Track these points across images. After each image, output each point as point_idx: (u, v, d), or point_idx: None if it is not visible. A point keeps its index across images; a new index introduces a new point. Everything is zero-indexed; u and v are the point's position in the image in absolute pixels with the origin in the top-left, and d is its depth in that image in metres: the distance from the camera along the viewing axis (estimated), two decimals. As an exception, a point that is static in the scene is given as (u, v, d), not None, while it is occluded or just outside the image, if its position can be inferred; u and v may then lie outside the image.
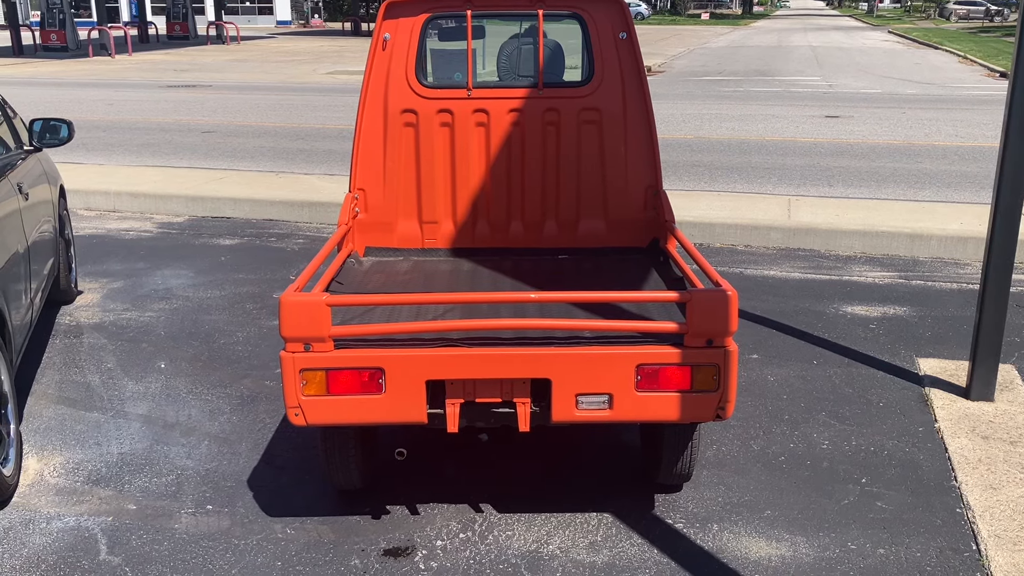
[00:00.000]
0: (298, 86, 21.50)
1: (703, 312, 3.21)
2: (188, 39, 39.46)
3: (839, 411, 4.69)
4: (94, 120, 14.98)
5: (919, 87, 21.62)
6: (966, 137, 13.47)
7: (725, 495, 3.91)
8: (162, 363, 5.34)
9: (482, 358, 3.25)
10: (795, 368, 5.23)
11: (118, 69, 26.14)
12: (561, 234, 4.62)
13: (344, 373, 3.25)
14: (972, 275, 6.99)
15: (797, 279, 6.98)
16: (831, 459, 4.21)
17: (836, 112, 16.27)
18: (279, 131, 14.15)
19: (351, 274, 4.23)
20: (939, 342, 5.65)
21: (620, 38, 4.43)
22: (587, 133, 4.51)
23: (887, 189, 9.75)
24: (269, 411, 4.71)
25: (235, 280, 6.89)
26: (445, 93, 4.47)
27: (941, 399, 4.78)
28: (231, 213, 8.97)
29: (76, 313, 6.17)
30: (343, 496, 3.90)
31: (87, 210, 9.15)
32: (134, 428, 4.54)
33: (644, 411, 3.30)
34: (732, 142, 12.94)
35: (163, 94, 19.52)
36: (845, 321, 6.03)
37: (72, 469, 4.15)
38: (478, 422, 3.41)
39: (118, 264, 7.31)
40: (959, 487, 3.94)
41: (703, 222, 8.04)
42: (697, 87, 21.09)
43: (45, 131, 5.83)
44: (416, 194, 4.56)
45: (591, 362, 3.25)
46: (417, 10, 4.41)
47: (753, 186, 9.91)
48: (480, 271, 4.33)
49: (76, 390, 4.98)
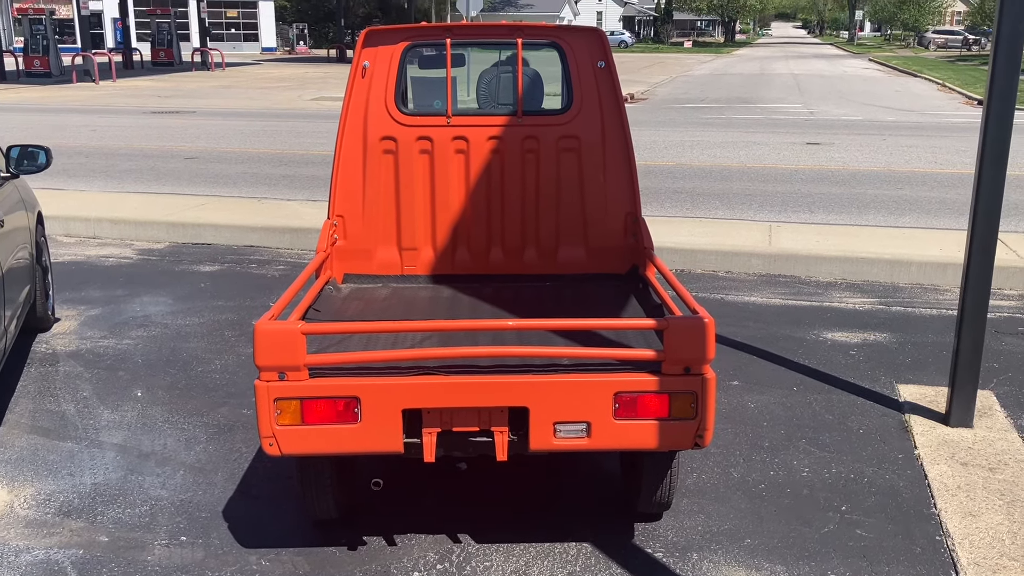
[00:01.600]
0: (282, 112, 21.53)
1: (680, 339, 3.21)
2: (173, 65, 39.50)
3: (819, 438, 4.69)
4: (76, 146, 14.93)
5: (899, 114, 21.86)
6: (945, 164, 13.60)
7: (705, 524, 3.88)
8: (139, 391, 5.28)
9: (459, 386, 3.23)
10: (775, 395, 5.23)
11: (102, 95, 26.11)
12: (541, 261, 4.61)
13: (319, 402, 3.22)
14: (951, 301, 7.03)
15: (778, 305, 7.00)
16: (811, 487, 4.20)
17: (817, 139, 16.42)
18: (263, 157, 14.14)
19: (329, 301, 4.21)
20: (919, 368, 5.67)
21: (598, 67, 4.46)
22: (566, 161, 4.52)
23: (868, 215, 9.82)
24: (246, 440, 4.66)
25: (214, 307, 6.84)
26: (425, 120, 4.47)
27: (921, 426, 4.79)
28: (212, 239, 8.93)
29: (52, 341, 6.10)
30: (320, 527, 3.84)
31: (67, 236, 9.09)
32: (108, 458, 4.48)
33: (622, 439, 3.28)
34: (714, 169, 13.02)
35: (147, 120, 19.50)
36: (825, 347, 6.04)
37: (43, 500, 4.08)
38: (455, 451, 3.38)
39: (96, 291, 7.26)
40: (938, 514, 3.93)
41: (684, 248, 8.06)
42: (679, 114, 21.25)
43: (23, 158, 5.79)
44: (396, 221, 4.55)
45: (569, 390, 3.24)
46: (397, 38, 4.42)
47: (734, 212, 9.96)
48: (460, 298, 4.32)
49: (50, 419, 4.91)
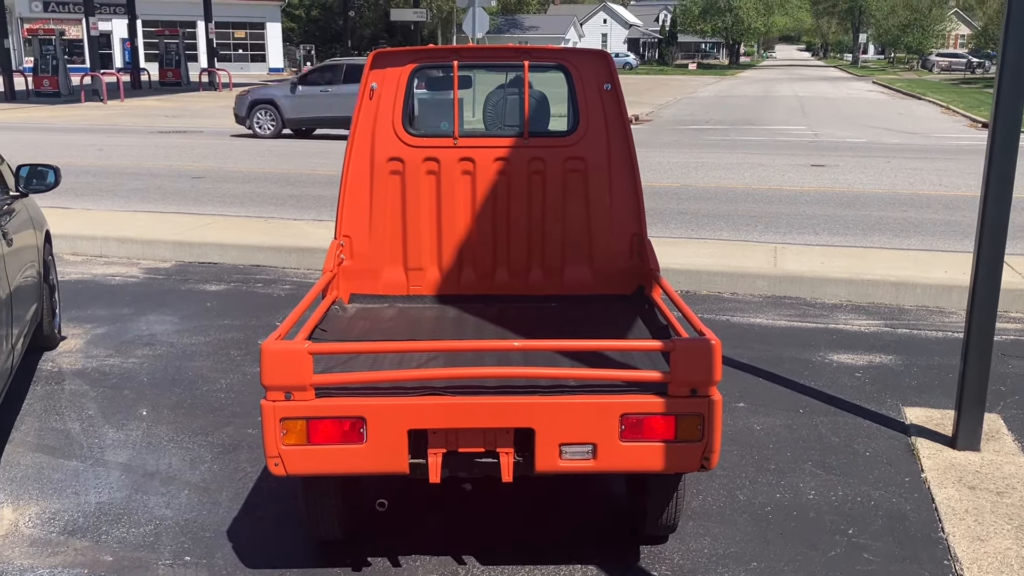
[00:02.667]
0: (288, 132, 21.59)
1: (687, 361, 3.20)
2: (181, 85, 39.78)
3: (825, 461, 4.67)
4: (84, 165, 15.01)
5: (903, 137, 21.91)
6: (950, 186, 13.61)
7: (711, 546, 3.87)
8: (144, 410, 5.28)
9: (465, 407, 3.23)
10: (781, 417, 5.22)
11: (110, 115, 26.28)
12: (546, 281, 4.62)
13: (325, 422, 3.22)
14: (957, 323, 7.02)
15: (783, 327, 6.99)
16: (817, 510, 4.18)
17: (822, 161, 16.45)
18: (269, 177, 14.20)
19: (335, 321, 4.21)
20: (925, 391, 5.65)
21: (605, 89, 4.48)
22: (572, 182, 4.54)
23: (873, 237, 9.82)
24: (251, 460, 4.65)
25: (220, 326, 6.86)
26: (432, 142, 4.50)
27: (927, 449, 4.77)
28: (218, 259, 8.95)
29: (59, 359, 6.11)
30: (324, 547, 3.83)
31: (73, 255, 9.12)
32: (113, 477, 4.48)
33: (628, 461, 3.27)
34: (719, 190, 13.04)
35: (154, 140, 19.61)
36: (831, 369, 6.02)
37: (48, 519, 4.08)
38: (460, 472, 3.38)
39: (103, 310, 7.28)
40: (946, 538, 3.91)
41: (690, 269, 8.07)
42: (684, 136, 21.32)
43: (32, 177, 5.82)
44: (402, 241, 4.57)
45: (575, 411, 3.23)
46: (404, 60, 4.46)
47: (739, 234, 9.97)
48: (465, 318, 4.32)
49: (55, 438, 4.91)
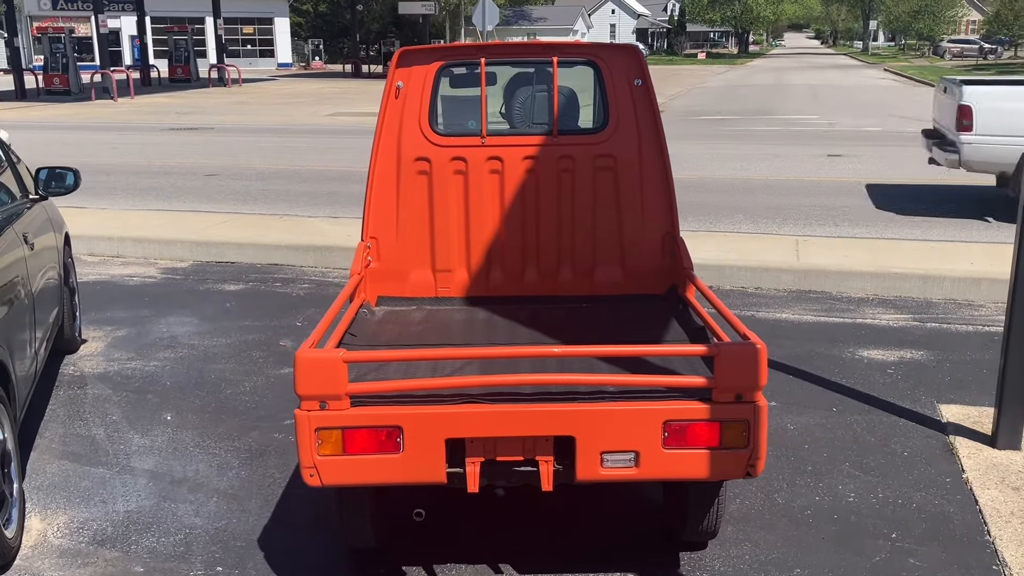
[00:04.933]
0: (300, 128, 21.56)
1: (732, 366, 3.12)
2: (190, 82, 39.73)
3: (863, 461, 4.58)
4: (97, 164, 14.96)
5: (920, 125, 21.62)
6: (970, 176, 13.42)
7: (752, 552, 3.78)
8: (168, 415, 5.22)
9: (504, 415, 3.15)
10: (815, 416, 5.12)
11: (121, 112, 26.27)
12: (577, 282, 4.53)
13: (361, 432, 3.15)
14: (987, 317, 6.91)
15: (811, 322, 6.89)
16: (858, 513, 4.09)
17: (838, 151, 16.29)
18: (282, 173, 14.14)
19: (363, 325, 4.14)
20: (959, 388, 5.55)
21: (636, 85, 4.39)
22: (602, 180, 4.45)
23: (894, 229, 9.70)
24: (279, 465, 4.59)
25: (241, 327, 6.80)
26: (459, 141, 4.41)
27: (967, 448, 4.67)
28: (235, 258, 8.89)
29: (80, 363, 6.06)
30: (357, 556, 3.77)
31: (90, 255, 9.08)
32: (140, 484, 4.42)
33: (672, 469, 3.19)
34: (735, 182, 12.92)
35: (166, 137, 19.57)
36: (862, 366, 5.92)
37: (77, 529, 4.02)
38: (499, 481, 3.30)
39: (122, 311, 7.22)
40: (993, 542, 3.82)
41: (713, 264, 7.96)
42: (697, 127, 21.17)
43: (51, 179, 5.76)
44: (430, 242, 4.49)
45: (617, 418, 3.15)
46: (430, 58, 4.37)
47: (758, 226, 9.86)
48: (495, 320, 4.24)
49: (80, 444, 4.86)
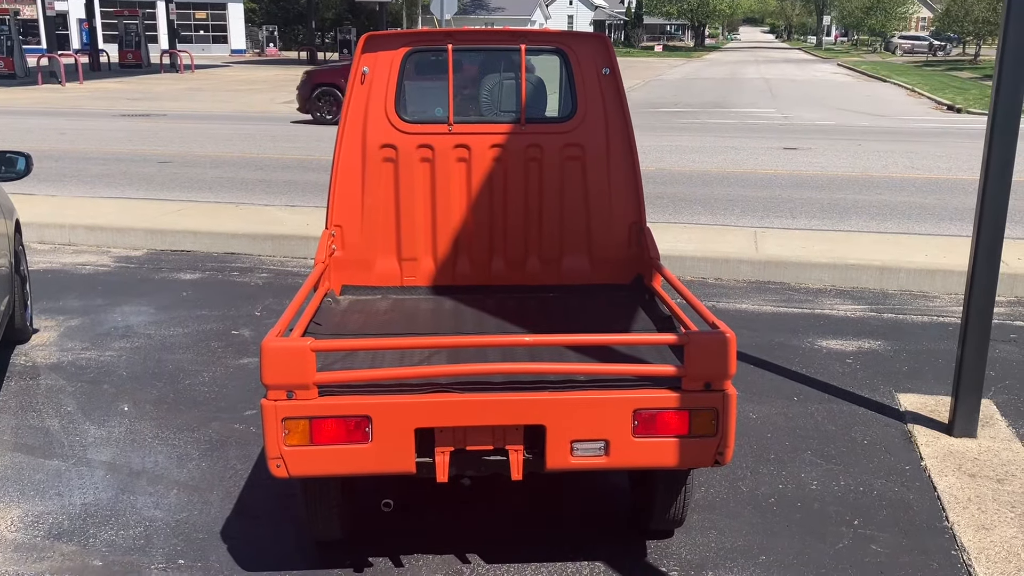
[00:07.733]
0: (255, 116, 21.26)
1: (702, 355, 3.13)
2: (141, 67, 38.96)
3: (824, 449, 4.64)
4: (46, 150, 14.60)
5: (872, 119, 22.05)
6: (921, 169, 13.71)
7: (718, 540, 3.81)
8: (125, 406, 5.11)
9: (474, 404, 3.13)
10: (776, 405, 5.18)
11: (69, 98, 25.65)
12: (544, 271, 4.52)
13: (329, 422, 3.11)
14: (942, 308, 7.04)
15: (770, 312, 6.96)
16: (821, 500, 4.14)
17: (794, 144, 16.49)
18: (238, 161, 13.92)
19: (328, 314, 4.08)
20: (916, 377, 5.65)
21: (603, 74, 4.38)
22: (570, 169, 4.43)
23: (849, 221, 9.84)
24: (240, 456, 4.52)
25: (198, 317, 6.68)
26: (425, 128, 4.37)
27: (925, 436, 4.75)
28: (191, 246, 8.74)
29: (32, 353, 5.91)
30: (322, 547, 3.72)
31: (41, 243, 8.85)
32: (98, 476, 4.32)
33: (641, 457, 3.20)
34: (693, 174, 13.01)
35: (117, 123, 19.16)
36: (821, 356, 6.00)
37: (32, 522, 3.92)
38: (468, 471, 3.28)
39: (75, 300, 7.05)
40: (951, 528, 3.89)
41: (672, 255, 7.99)
42: (655, 119, 21.27)
43: (1, 164, 5.60)
44: (395, 230, 4.44)
45: (586, 407, 3.15)
46: (397, 44, 4.31)
47: (717, 218, 9.94)
48: (463, 310, 4.21)
49: (34, 436, 4.73)
